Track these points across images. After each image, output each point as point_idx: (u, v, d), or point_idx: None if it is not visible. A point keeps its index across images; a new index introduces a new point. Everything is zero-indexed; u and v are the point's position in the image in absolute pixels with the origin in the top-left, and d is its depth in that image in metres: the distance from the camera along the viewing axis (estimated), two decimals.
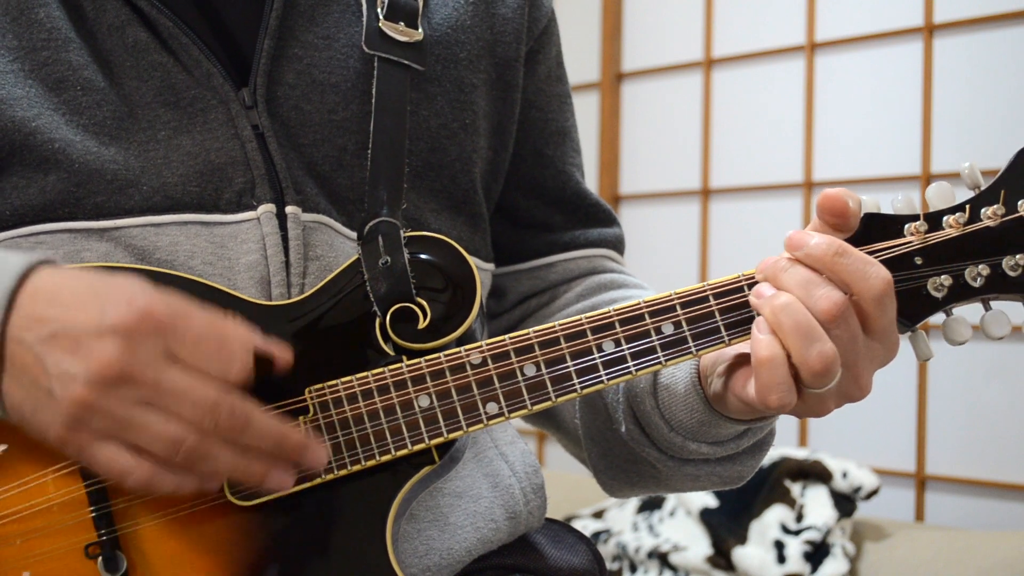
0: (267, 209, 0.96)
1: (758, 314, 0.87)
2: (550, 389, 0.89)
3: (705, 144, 2.81)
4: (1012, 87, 2.29)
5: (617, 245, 1.21)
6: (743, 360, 0.91)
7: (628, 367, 0.89)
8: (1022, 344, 2.27)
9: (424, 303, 0.92)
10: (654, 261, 2.80)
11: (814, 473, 2.24)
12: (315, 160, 1.00)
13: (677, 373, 0.96)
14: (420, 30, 1.04)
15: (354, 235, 1.00)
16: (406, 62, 1.03)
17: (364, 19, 1.03)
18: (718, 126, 2.80)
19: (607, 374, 0.89)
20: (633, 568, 2.36)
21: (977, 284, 0.88)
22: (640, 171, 2.97)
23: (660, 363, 0.89)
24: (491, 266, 1.14)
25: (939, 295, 0.88)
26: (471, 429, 0.89)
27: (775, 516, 2.20)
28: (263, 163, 0.97)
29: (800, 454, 2.30)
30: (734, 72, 2.77)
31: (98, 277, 0.81)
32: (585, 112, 3.01)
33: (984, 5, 2.33)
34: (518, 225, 1.18)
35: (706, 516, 2.29)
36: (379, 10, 1.03)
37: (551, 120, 1.18)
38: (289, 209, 0.97)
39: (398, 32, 1.03)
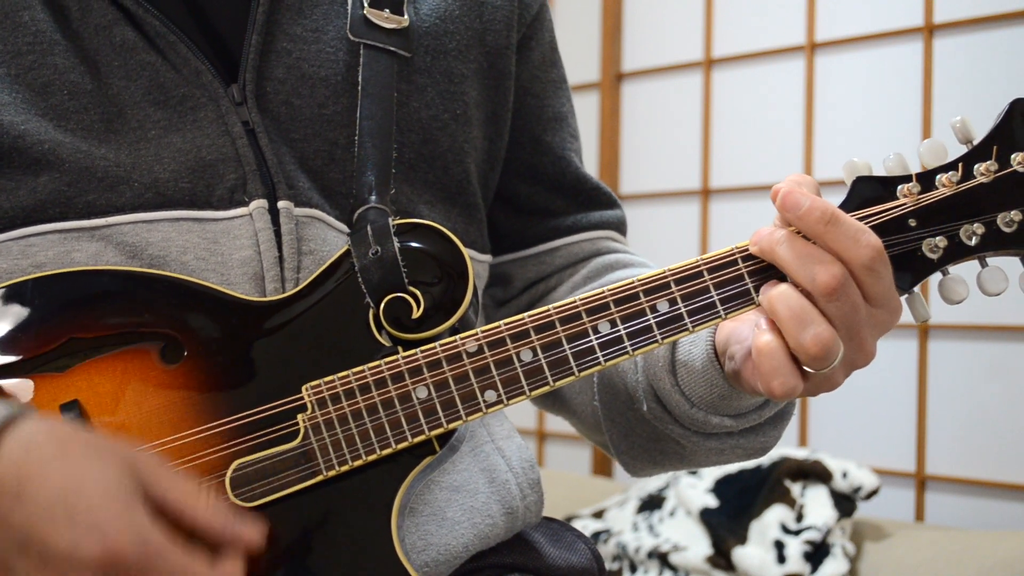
0: (259, 205, 0.96)
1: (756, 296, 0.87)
2: (548, 374, 0.89)
3: (705, 144, 2.81)
4: (1012, 87, 2.29)
5: (619, 227, 1.21)
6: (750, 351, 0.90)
7: (625, 347, 0.89)
8: (1022, 344, 2.27)
9: (417, 292, 0.92)
10: (654, 261, 2.79)
11: (814, 473, 2.24)
12: (306, 155, 1.00)
13: (694, 350, 0.96)
14: (406, 16, 1.04)
15: (348, 229, 0.99)
16: (392, 48, 1.03)
17: (349, 7, 1.03)
18: (718, 126, 2.80)
19: (604, 355, 0.89)
20: (633, 568, 2.36)
21: (972, 243, 0.87)
22: (640, 171, 2.97)
23: (657, 342, 0.89)
24: (488, 257, 1.14)
25: (934, 256, 0.88)
26: (470, 418, 0.89)
27: (775, 516, 2.20)
28: (254, 159, 0.97)
29: (800, 454, 2.30)
30: (734, 72, 2.77)
31: (66, 471, 0.74)
32: (585, 112, 3.01)
33: (984, 5, 2.33)
34: (520, 212, 1.18)
35: (706, 516, 2.29)
36: None
37: (547, 106, 1.18)
38: (281, 204, 0.97)
39: (383, 19, 1.03)
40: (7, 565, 0.74)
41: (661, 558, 2.30)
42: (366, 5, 1.03)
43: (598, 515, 2.56)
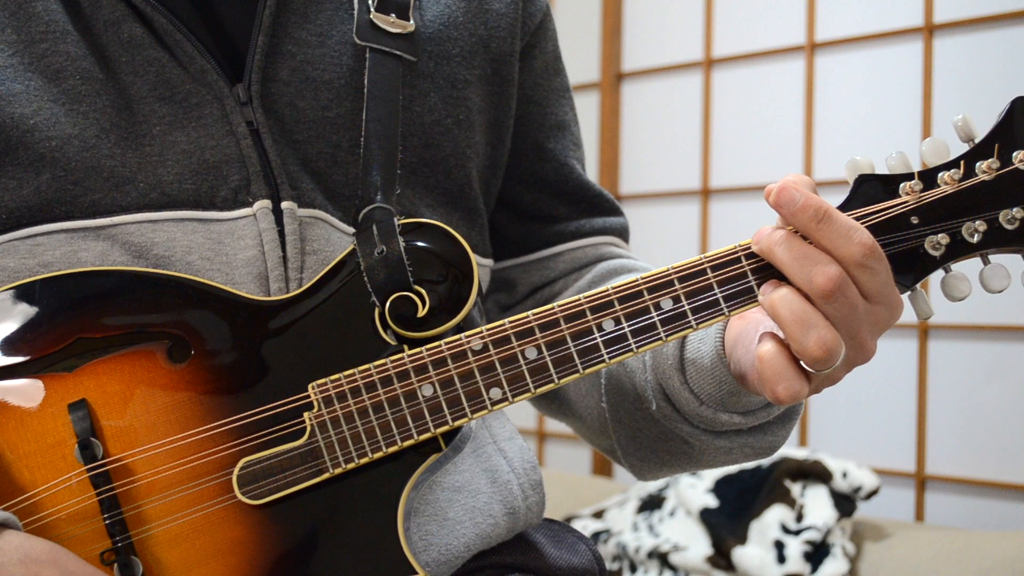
0: (263, 205, 0.97)
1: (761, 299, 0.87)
2: (552, 371, 0.89)
3: (705, 144, 2.81)
4: (1012, 87, 2.29)
5: (623, 233, 1.22)
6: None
7: (629, 345, 0.89)
8: (1022, 344, 2.27)
9: (422, 291, 0.92)
10: (654, 261, 2.79)
11: (814, 473, 2.24)
12: (309, 156, 1.01)
13: (703, 348, 0.96)
14: (411, 21, 1.05)
15: (351, 230, 1.00)
16: (398, 52, 1.04)
17: (355, 12, 1.04)
18: (718, 126, 2.80)
19: (608, 353, 0.89)
20: (633, 568, 2.36)
21: (975, 240, 0.87)
22: (640, 171, 2.97)
23: (661, 339, 0.89)
24: (489, 261, 1.15)
25: (937, 253, 0.88)
26: (476, 416, 0.90)
27: (775, 516, 2.20)
28: (258, 159, 0.98)
29: (800, 454, 2.30)
30: (734, 72, 2.77)
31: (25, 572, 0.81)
32: (585, 112, 3.01)
33: (984, 5, 2.33)
34: (524, 217, 1.19)
35: (706, 516, 2.29)
36: (370, 2, 1.04)
37: (550, 114, 1.19)
38: (285, 205, 0.97)
39: (389, 24, 1.04)
40: None
41: (661, 558, 2.31)
42: (373, 9, 1.04)
43: (598, 515, 2.56)
